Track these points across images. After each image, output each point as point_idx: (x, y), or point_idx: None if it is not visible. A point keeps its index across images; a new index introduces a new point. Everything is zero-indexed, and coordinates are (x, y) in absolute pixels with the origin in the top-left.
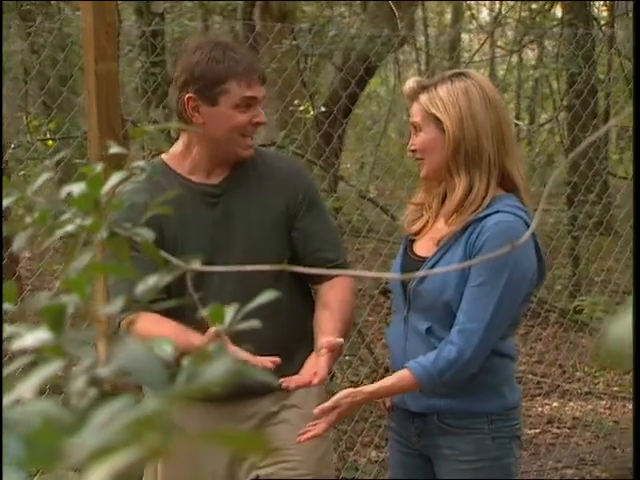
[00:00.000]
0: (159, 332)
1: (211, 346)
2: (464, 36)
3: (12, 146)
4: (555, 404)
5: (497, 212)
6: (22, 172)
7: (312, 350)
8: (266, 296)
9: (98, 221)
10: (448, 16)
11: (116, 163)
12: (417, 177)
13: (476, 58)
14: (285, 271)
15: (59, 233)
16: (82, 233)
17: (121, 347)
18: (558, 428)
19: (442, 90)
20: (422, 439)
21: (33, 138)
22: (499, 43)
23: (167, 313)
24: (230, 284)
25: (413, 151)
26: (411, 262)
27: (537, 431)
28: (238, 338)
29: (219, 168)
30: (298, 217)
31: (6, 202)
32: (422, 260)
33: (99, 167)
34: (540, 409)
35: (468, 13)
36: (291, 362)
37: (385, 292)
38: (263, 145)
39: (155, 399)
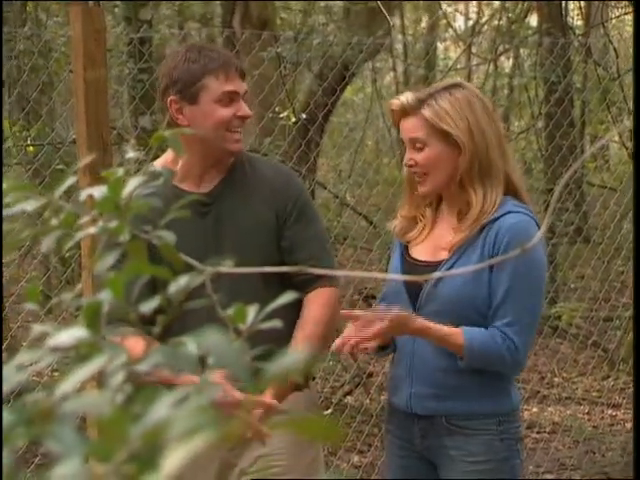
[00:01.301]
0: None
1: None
2: (439, 44)
3: None
4: (535, 409)
5: (509, 213)
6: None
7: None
8: (286, 297)
9: (122, 224)
10: (424, 25)
11: (105, 168)
12: (396, 185)
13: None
14: (275, 280)
15: (79, 235)
16: (104, 236)
17: (202, 337)
18: (538, 433)
19: (445, 103)
20: (426, 441)
21: (15, 145)
22: (474, 51)
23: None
24: (221, 294)
25: (411, 166)
26: (414, 267)
27: None
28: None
29: (210, 173)
30: (287, 226)
31: (30, 206)
32: (428, 264)
33: (120, 171)
34: (520, 414)
35: (444, 22)
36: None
37: (367, 298)
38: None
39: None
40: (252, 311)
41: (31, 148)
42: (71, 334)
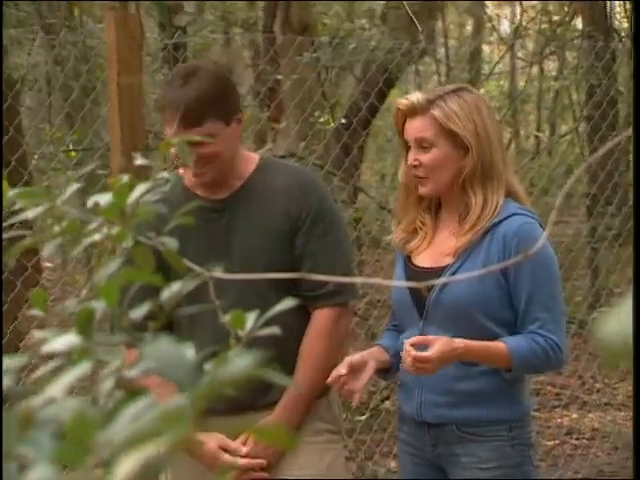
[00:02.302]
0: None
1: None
2: (485, 48)
3: (35, 157)
4: (574, 415)
5: (513, 215)
6: (45, 183)
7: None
8: (284, 305)
9: (124, 230)
10: (469, 28)
11: (137, 175)
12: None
13: (496, 69)
14: (285, 289)
15: (86, 242)
16: (108, 242)
17: (150, 349)
18: (577, 439)
19: (454, 104)
20: (437, 448)
21: (57, 149)
22: (519, 54)
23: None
24: (227, 301)
25: (415, 167)
26: (418, 274)
27: (556, 442)
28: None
29: (226, 182)
30: (299, 235)
31: (36, 212)
32: (431, 271)
33: (125, 178)
34: (559, 420)
35: (489, 25)
36: (271, 389)
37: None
38: (283, 156)
39: (181, 396)
40: (251, 318)
41: (72, 153)
42: (64, 340)
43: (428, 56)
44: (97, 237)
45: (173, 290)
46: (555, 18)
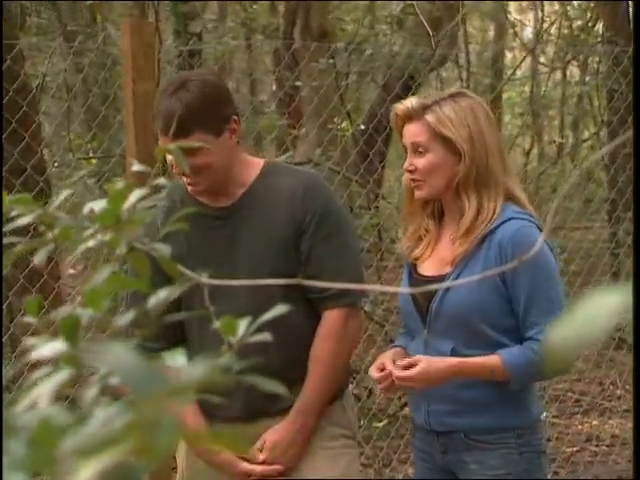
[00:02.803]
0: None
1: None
2: (508, 53)
3: (54, 164)
4: (595, 422)
5: (509, 220)
6: (66, 190)
7: None
8: (275, 311)
9: (117, 236)
10: (491, 33)
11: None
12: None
13: (518, 74)
14: (294, 293)
15: (81, 248)
16: (104, 249)
17: (108, 352)
18: (596, 446)
19: (448, 109)
20: (447, 456)
21: (74, 156)
22: (542, 60)
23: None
24: (236, 306)
25: (411, 172)
26: (421, 283)
27: (575, 449)
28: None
29: (230, 189)
30: (303, 238)
31: (28, 219)
32: (433, 279)
33: (120, 184)
34: (579, 427)
35: (512, 30)
36: (291, 389)
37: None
38: (299, 163)
39: (139, 400)
40: (243, 324)
41: (93, 160)
42: (52, 347)
43: (451, 62)
44: (91, 243)
45: (160, 297)
46: (579, 22)
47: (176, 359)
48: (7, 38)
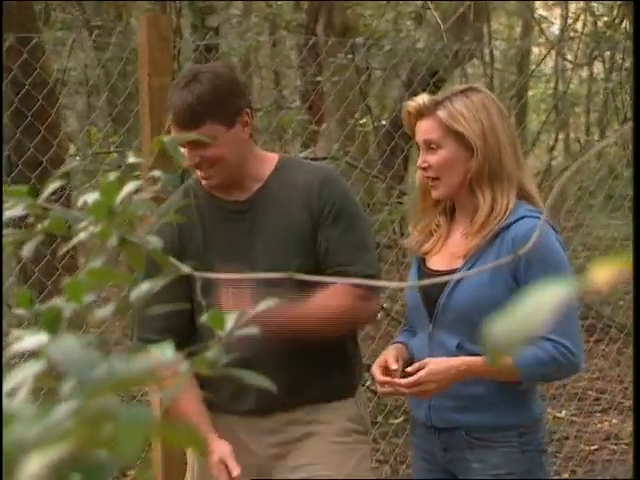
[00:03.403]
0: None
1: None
2: (535, 50)
3: (77, 158)
4: (614, 420)
5: (523, 218)
6: (87, 185)
7: (328, 388)
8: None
9: (108, 228)
10: (518, 30)
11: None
12: None
13: (545, 71)
14: (311, 285)
15: (74, 241)
16: (95, 240)
17: (56, 342)
18: (615, 444)
19: (460, 105)
20: (448, 454)
21: (95, 150)
22: (568, 57)
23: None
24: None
25: (424, 169)
26: (430, 277)
27: (594, 447)
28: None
29: (246, 183)
30: (321, 230)
31: (18, 210)
32: (443, 274)
33: (112, 176)
34: (599, 425)
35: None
36: (298, 389)
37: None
38: (315, 158)
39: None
40: (231, 318)
41: (114, 154)
42: (35, 339)
43: (477, 58)
44: (82, 236)
45: (142, 289)
46: (606, 19)
47: (165, 352)
48: (26, 31)
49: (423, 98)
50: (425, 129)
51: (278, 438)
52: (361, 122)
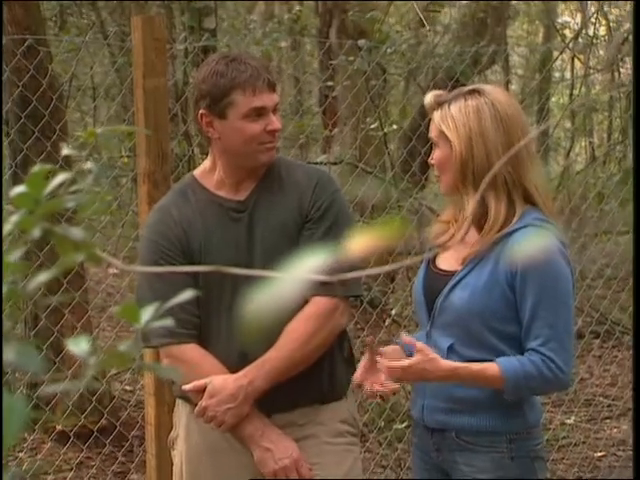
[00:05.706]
0: (206, 367)
1: None
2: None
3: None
4: (624, 427)
5: (526, 227)
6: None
7: (321, 390)
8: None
9: (28, 219)
10: (540, 35)
11: (165, 177)
12: None
13: (568, 77)
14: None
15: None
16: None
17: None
18: (623, 451)
19: (454, 108)
20: (441, 454)
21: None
22: (590, 63)
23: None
24: (242, 298)
25: (433, 165)
26: (435, 276)
27: (601, 454)
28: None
29: (245, 181)
30: (305, 227)
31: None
32: (445, 274)
33: (37, 168)
34: (609, 432)
35: (561, 32)
36: (291, 392)
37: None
38: (316, 163)
39: None
40: (149, 311)
41: (125, 159)
42: None
43: (498, 64)
44: (8, 227)
45: (39, 280)
46: (627, 26)
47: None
48: (35, 34)
49: (430, 97)
50: (431, 126)
51: None
52: (372, 127)
